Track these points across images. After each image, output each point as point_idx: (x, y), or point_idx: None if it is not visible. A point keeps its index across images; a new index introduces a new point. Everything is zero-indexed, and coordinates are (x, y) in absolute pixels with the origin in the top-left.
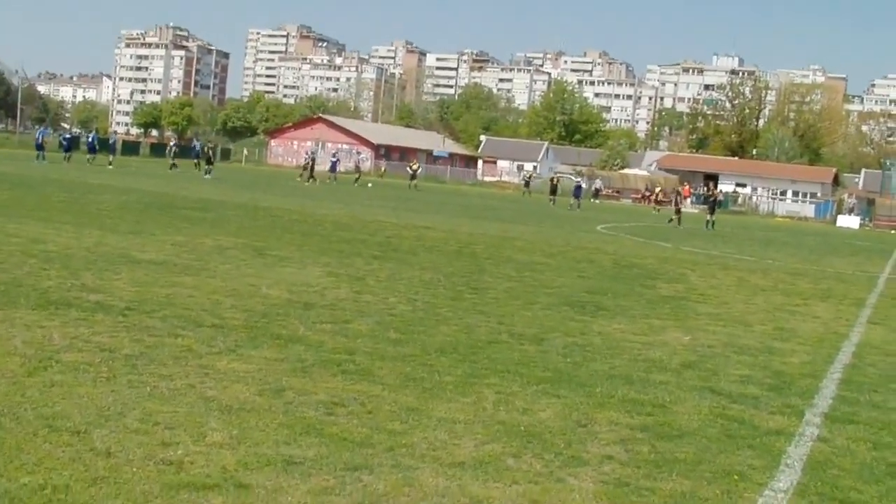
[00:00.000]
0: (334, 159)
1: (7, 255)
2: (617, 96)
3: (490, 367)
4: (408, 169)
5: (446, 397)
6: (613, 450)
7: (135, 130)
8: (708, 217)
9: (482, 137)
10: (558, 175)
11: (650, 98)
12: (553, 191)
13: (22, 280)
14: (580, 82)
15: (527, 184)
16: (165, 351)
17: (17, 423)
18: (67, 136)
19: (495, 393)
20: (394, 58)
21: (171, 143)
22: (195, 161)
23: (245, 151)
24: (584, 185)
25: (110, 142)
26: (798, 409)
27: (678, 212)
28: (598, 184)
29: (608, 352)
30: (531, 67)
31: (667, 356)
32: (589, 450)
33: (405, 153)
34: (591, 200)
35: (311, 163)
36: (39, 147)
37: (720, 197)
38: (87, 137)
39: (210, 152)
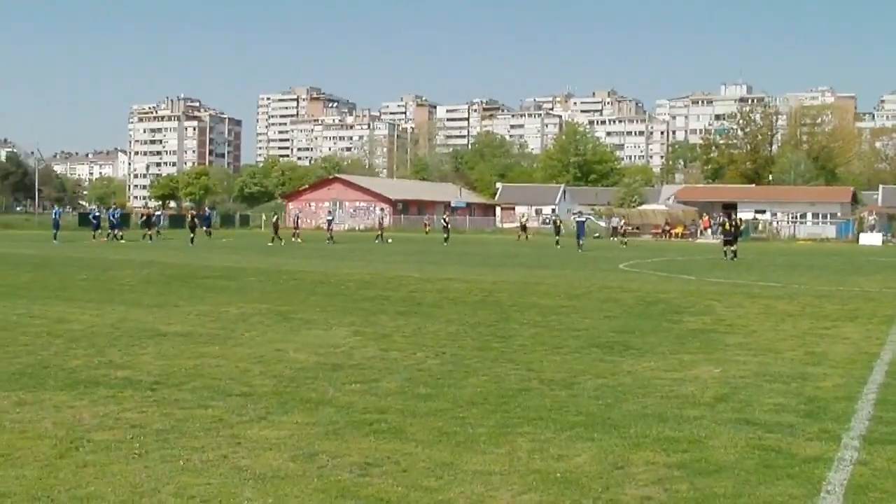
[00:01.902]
0: (329, 217)
1: (33, 337)
2: (629, 133)
3: (522, 416)
4: (443, 222)
5: (480, 449)
6: (652, 490)
7: (153, 203)
8: (732, 247)
9: (498, 185)
10: (558, 216)
11: (662, 132)
12: (557, 231)
13: (49, 361)
14: (591, 123)
15: (523, 228)
16: (196, 423)
17: None
18: (97, 214)
19: (529, 441)
20: (404, 112)
21: (153, 214)
22: (206, 230)
23: (263, 217)
24: (586, 223)
25: (115, 215)
26: (835, 433)
27: (727, 242)
28: (615, 222)
29: (640, 391)
30: (541, 112)
31: (699, 391)
32: (627, 492)
33: (423, 207)
34: (612, 239)
35: (275, 224)
36: (56, 226)
37: (742, 225)
38: (112, 214)
39: (194, 220)
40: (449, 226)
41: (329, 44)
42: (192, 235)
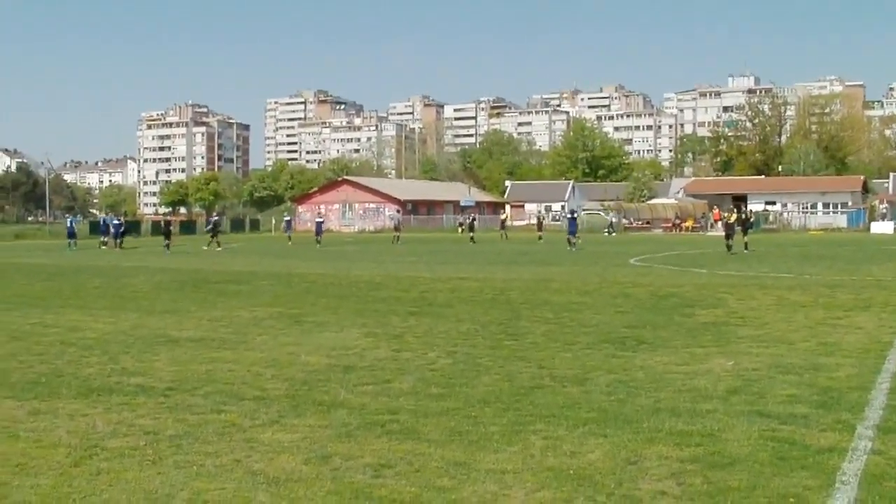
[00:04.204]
0: (320, 220)
1: (47, 346)
2: (637, 128)
3: (535, 413)
4: (471, 221)
5: (493, 448)
6: (666, 485)
7: (163, 210)
8: (744, 238)
9: (507, 183)
10: (541, 213)
11: (670, 126)
12: (539, 227)
13: (63, 369)
14: (599, 118)
15: (502, 225)
16: (209, 428)
17: None
18: (116, 221)
19: (542, 439)
20: (412, 113)
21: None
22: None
23: (273, 220)
24: (577, 219)
25: (110, 222)
26: (849, 423)
27: (729, 236)
28: (613, 217)
29: (652, 385)
30: (549, 108)
31: (712, 384)
32: (641, 487)
33: (432, 207)
34: (611, 234)
35: (213, 227)
36: (71, 235)
37: (752, 217)
38: (106, 220)
39: (168, 227)
40: (475, 224)
41: (335, 46)
42: (166, 242)
